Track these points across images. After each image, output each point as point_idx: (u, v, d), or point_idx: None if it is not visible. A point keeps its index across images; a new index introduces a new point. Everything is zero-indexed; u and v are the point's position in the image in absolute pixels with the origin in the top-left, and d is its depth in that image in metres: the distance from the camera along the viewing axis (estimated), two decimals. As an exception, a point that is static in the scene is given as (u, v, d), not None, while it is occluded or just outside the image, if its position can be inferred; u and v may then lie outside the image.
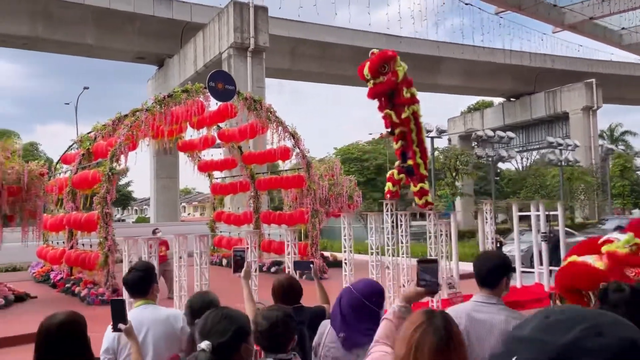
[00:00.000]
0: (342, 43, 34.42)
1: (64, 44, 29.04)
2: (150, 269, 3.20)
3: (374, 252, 8.63)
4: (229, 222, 17.06)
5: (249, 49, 25.02)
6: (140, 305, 3.07)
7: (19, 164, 10.60)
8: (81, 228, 11.72)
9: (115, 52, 31.08)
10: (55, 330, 2.44)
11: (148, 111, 11.49)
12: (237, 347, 2.05)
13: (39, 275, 14.18)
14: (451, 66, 37.87)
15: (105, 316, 2.87)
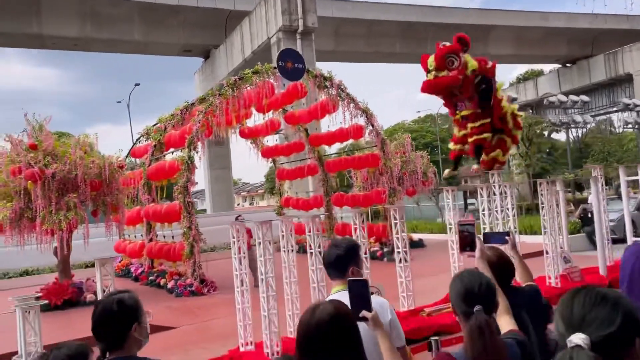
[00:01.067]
0: (387, 19, 33.43)
1: (112, 42, 29.31)
2: (352, 247, 2.63)
3: (452, 228, 7.92)
4: (297, 208, 16.68)
5: (298, 31, 24.50)
6: (340, 291, 2.52)
7: (99, 158, 10.45)
8: (161, 220, 11.55)
9: (162, 46, 31.18)
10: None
11: (221, 95, 11.12)
12: (631, 341, 1.32)
13: (119, 270, 14.19)
14: (502, 34, 36.31)
15: (210, 306, 2.24)
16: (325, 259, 2.63)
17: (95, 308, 2.14)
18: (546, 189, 8.20)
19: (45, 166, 9.67)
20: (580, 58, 39.56)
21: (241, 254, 6.45)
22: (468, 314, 1.86)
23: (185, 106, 13.09)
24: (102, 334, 2.10)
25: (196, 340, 7.92)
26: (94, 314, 2.12)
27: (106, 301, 2.16)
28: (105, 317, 2.10)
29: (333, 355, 1.72)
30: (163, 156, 12.75)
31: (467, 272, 2.06)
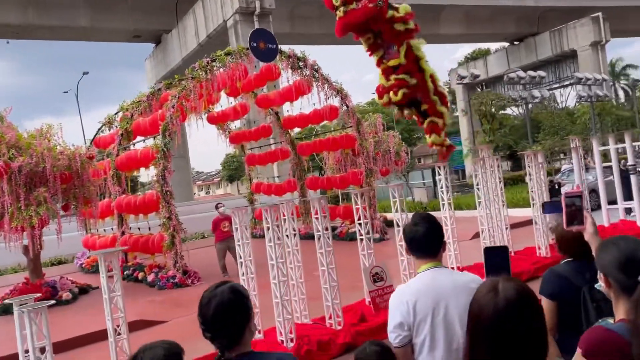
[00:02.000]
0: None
1: (57, 29, 27.73)
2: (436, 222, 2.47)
3: (446, 204, 7.85)
4: (269, 193, 16.41)
5: (255, 13, 23.92)
6: (432, 268, 2.37)
7: (67, 149, 9.84)
8: (136, 211, 11.06)
9: (110, 32, 29.77)
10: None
11: (194, 79, 10.68)
12: None
13: (88, 265, 13.57)
14: (452, 13, 36.79)
15: (197, 297, 2.02)
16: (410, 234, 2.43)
17: (207, 303, 1.89)
18: (533, 161, 8.34)
19: (10, 159, 9.01)
20: (527, 36, 40.69)
21: (244, 241, 6.20)
22: (629, 285, 1.66)
23: (152, 92, 12.54)
24: (222, 330, 1.87)
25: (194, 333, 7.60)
26: (208, 310, 1.88)
27: (219, 293, 1.91)
28: (224, 310, 1.87)
29: (525, 340, 1.47)
30: (132, 145, 12.19)
31: (621, 238, 1.87)
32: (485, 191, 7.70)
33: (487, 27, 38.73)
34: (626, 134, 9.77)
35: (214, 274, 11.20)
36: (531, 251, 8.74)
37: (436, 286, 2.27)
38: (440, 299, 2.23)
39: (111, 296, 5.13)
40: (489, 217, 7.79)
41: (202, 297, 1.96)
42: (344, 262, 6.42)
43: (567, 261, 2.68)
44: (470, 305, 1.59)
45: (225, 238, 10.98)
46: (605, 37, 36.61)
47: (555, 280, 2.58)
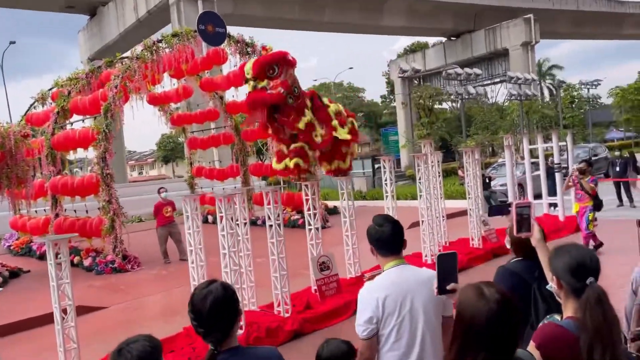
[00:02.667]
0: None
1: (-20, -8, 25.74)
2: (398, 222, 2.68)
3: (389, 196, 8.17)
4: (211, 177, 16.26)
5: (199, -8, 23.34)
6: (396, 265, 2.58)
7: (1, 126, 9.33)
8: (73, 193, 10.66)
9: (40, 0, 27.96)
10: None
11: (139, 59, 10.38)
12: None
13: (17, 248, 12.95)
14: (395, 6, 37.43)
15: (137, 282, 2.12)
16: (376, 235, 2.63)
17: (203, 299, 1.96)
18: (470, 157, 8.84)
19: (-64, 135, 8.46)
20: (464, 32, 42.14)
21: (195, 229, 6.22)
22: (578, 288, 1.90)
23: (92, 69, 12.07)
24: (217, 325, 1.97)
25: (135, 318, 7.57)
26: (204, 306, 1.95)
27: (213, 290, 1.99)
28: (219, 306, 1.96)
29: (511, 337, 1.68)
30: (70, 124, 11.70)
31: (572, 245, 2.10)
32: (426, 185, 8.10)
33: (427, 21, 39.74)
34: (553, 134, 10.51)
35: (154, 259, 11.06)
36: (464, 242, 9.28)
37: (402, 282, 2.50)
38: (406, 294, 2.46)
39: (59, 283, 5.01)
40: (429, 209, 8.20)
41: (195, 294, 2.02)
42: (287, 249, 6.60)
43: (518, 260, 2.97)
44: (458, 313, 1.76)
45: (167, 223, 10.86)
46: (535, 38, 38.60)
47: (509, 277, 2.85)
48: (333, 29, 39.44)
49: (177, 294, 8.46)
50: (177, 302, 8.09)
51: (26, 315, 7.66)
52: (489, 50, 41.04)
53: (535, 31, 38.70)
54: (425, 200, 8.11)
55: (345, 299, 6.77)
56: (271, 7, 33.58)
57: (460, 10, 39.95)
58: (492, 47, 40.77)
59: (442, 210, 9.02)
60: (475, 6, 40.24)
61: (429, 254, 8.06)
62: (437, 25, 40.99)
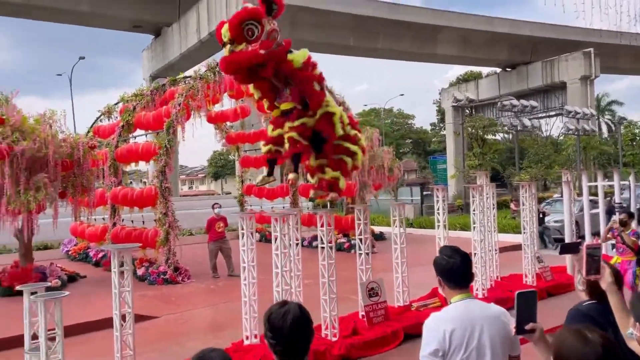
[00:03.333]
0: (343, 11, 33.54)
1: (57, 11, 27.44)
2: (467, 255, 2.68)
3: (441, 225, 8.00)
4: (260, 196, 16.54)
5: (259, 16, 24.06)
6: (465, 299, 2.56)
7: (70, 136, 9.87)
8: (132, 204, 11.11)
9: (110, 19, 29.58)
10: None
11: (202, 79, 10.81)
12: None
13: (75, 253, 13.53)
14: (449, 35, 37.40)
15: (187, 295, 2.11)
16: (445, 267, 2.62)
17: (282, 317, 1.99)
18: (527, 191, 8.67)
19: (14, 142, 9.03)
20: (520, 63, 41.50)
21: (249, 246, 6.36)
22: None
23: (156, 87, 12.63)
24: (295, 344, 2.00)
25: (185, 330, 7.74)
26: (284, 323, 1.98)
27: (291, 309, 2.03)
28: (299, 325, 2.00)
29: None
30: (133, 138, 12.24)
31: None
32: (480, 217, 7.98)
33: (481, 51, 39.44)
34: (615, 172, 10.16)
35: (204, 273, 11.30)
36: (517, 278, 9.03)
37: (470, 316, 2.48)
38: (474, 329, 2.44)
39: (120, 291, 5.23)
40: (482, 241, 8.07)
41: (272, 313, 2.05)
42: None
43: (591, 303, 2.90)
44: (559, 358, 1.76)
45: (219, 238, 11.11)
46: (595, 73, 37.58)
47: (582, 319, 2.79)
48: (386, 55, 39.73)
49: (226, 309, 8.61)
50: (225, 317, 8.24)
51: (82, 319, 7.96)
52: (545, 82, 40.20)
53: (596, 65, 37.69)
54: (478, 233, 7.98)
55: (393, 327, 6.71)
56: (325, 33, 34.24)
57: (516, 41, 39.46)
58: (549, 80, 39.93)
59: (495, 243, 8.85)
60: (533, 38, 39.66)
61: (481, 287, 7.90)
62: (492, 56, 40.58)
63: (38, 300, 4.47)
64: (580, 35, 39.39)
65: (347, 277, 9.03)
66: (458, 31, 37.12)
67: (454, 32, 37.06)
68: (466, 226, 16.02)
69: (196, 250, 13.41)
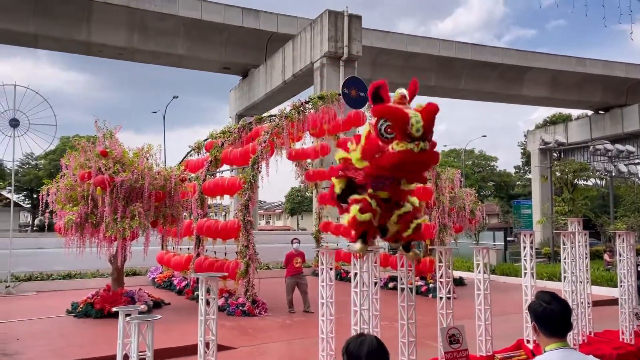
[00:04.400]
0: (426, 53, 33.70)
1: (156, 54, 29.81)
2: (567, 302, 2.57)
3: (528, 273, 7.53)
4: (337, 234, 16.60)
5: (342, 58, 24.76)
6: (560, 348, 2.44)
7: (164, 170, 10.53)
8: (216, 235, 11.55)
9: (203, 62, 31.62)
10: None
11: (287, 117, 11.21)
12: None
13: (160, 281, 14.17)
14: (536, 76, 36.36)
15: (264, 328, 2.15)
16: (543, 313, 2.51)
17: (360, 345, 2.14)
18: (625, 241, 8.07)
19: (115, 174, 9.76)
20: (614, 106, 39.39)
21: (329, 282, 6.38)
22: None
23: (244, 125, 13.23)
24: None
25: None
26: (361, 351, 2.12)
27: (367, 339, 2.19)
28: (374, 352, 2.12)
29: None
30: (220, 172, 12.83)
31: None
32: (572, 266, 7.51)
33: (572, 93, 37.93)
34: None
35: (280, 307, 11.43)
36: (612, 335, 8.34)
37: None
38: None
39: (206, 318, 5.41)
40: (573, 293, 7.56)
41: (350, 342, 2.20)
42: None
43: None
44: None
45: (296, 273, 11.23)
46: (698, 117, 34.85)
47: None
48: (468, 96, 39.20)
49: (301, 345, 8.62)
50: (300, 353, 8.25)
51: (166, 345, 8.26)
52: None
53: (700, 108, 35.00)
54: (570, 283, 7.50)
55: (475, 377, 6.39)
56: (408, 73, 34.46)
57: (610, 83, 37.63)
58: (646, 124, 37.52)
59: (588, 295, 8.26)
60: (627, 80, 37.66)
61: (572, 342, 7.35)
62: (583, 98, 38.88)
63: (132, 322, 4.73)
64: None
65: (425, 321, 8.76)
66: (546, 72, 36.05)
67: (542, 73, 36.03)
68: (554, 276, 15.10)
69: (272, 285, 13.63)
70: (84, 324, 9.97)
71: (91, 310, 10.27)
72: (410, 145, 4.27)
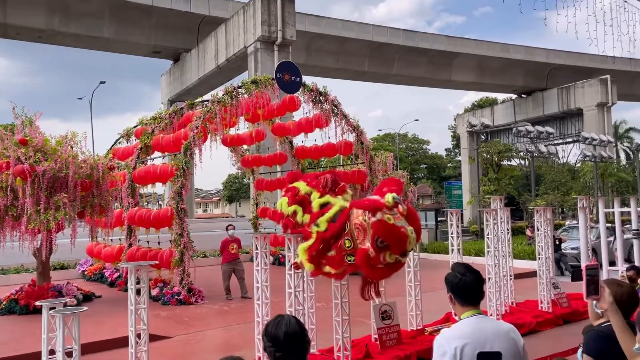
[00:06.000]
0: (360, 38, 34.00)
1: (79, 37, 28.32)
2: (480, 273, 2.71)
3: (455, 250, 7.97)
4: (275, 219, 16.59)
5: (276, 43, 24.56)
6: (474, 315, 2.59)
7: (90, 158, 10.10)
8: (149, 224, 11.24)
9: (131, 45, 30.37)
10: None
11: (220, 102, 11.04)
12: None
13: (90, 274, 13.67)
14: (464, 62, 37.66)
15: (200, 316, 2.24)
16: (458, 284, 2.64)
17: (278, 324, 2.15)
18: (542, 216, 8.62)
19: (36, 163, 9.26)
20: (535, 90, 41.54)
21: (264, 266, 6.41)
22: None
23: (175, 110, 12.89)
24: (292, 349, 2.11)
25: (198, 350, 7.75)
26: (278, 330, 2.14)
27: (286, 318, 2.20)
28: (293, 331, 2.13)
29: None
30: (151, 160, 12.47)
31: None
32: (494, 242, 7.94)
33: (497, 78, 39.60)
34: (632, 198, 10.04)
35: (217, 294, 11.34)
36: (532, 304, 8.92)
37: (481, 332, 2.51)
38: (484, 344, 2.47)
39: (137, 308, 5.30)
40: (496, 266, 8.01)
41: (269, 323, 2.22)
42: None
43: (609, 323, 2.89)
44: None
45: (233, 260, 11.18)
46: (611, 100, 37.44)
47: (602, 340, 2.74)
48: (401, 81, 40.01)
49: (239, 330, 8.62)
50: (238, 338, 8.25)
51: (97, 338, 8.02)
52: (561, 109, 40.13)
53: (612, 92, 37.58)
54: (492, 257, 7.93)
55: (406, 351, 6.66)
56: (341, 59, 34.72)
57: (532, 68, 39.59)
58: (565, 107, 39.86)
59: (510, 268, 8.78)
60: (548, 65, 39.77)
61: (495, 312, 7.82)
62: (508, 82, 40.72)
63: (57, 315, 4.56)
64: (596, 62, 39.39)
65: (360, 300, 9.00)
66: (473, 58, 37.38)
67: (469, 58, 37.32)
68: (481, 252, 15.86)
69: (210, 272, 13.48)
70: (7, 321, 9.49)
71: (15, 307, 9.77)
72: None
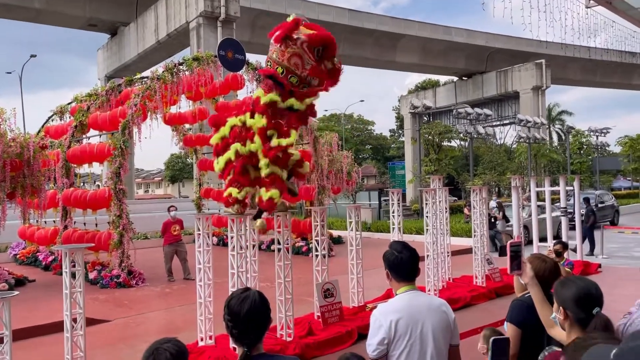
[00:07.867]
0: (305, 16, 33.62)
1: (8, 7, 26.52)
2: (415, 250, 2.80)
3: (396, 228, 8.21)
4: (219, 200, 16.38)
5: (220, 19, 23.97)
6: (408, 291, 2.68)
7: (20, 136, 9.57)
8: (85, 206, 10.82)
9: (64, 17, 28.78)
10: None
11: (160, 79, 10.69)
12: None
13: (23, 257, 13.06)
14: (409, 44, 38.18)
15: (141, 298, 2.21)
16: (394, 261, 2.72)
17: (241, 302, 2.05)
18: (478, 195, 8.96)
19: (-41, 141, 8.69)
20: (475, 73, 42.80)
21: (206, 247, 6.34)
22: (582, 318, 2.05)
23: (112, 87, 12.39)
24: (251, 328, 2.05)
25: (138, 333, 7.61)
26: (241, 308, 2.04)
27: (250, 295, 2.10)
28: (256, 309, 2.06)
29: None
30: (87, 138, 11.96)
31: (578, 278, 2.28)
32: (433, 220, 8.21)
33: (439, 60, 40.44)
34: (561, 178, 10.63)
35: (159, 276, 11.14)
36: (468, 279, 9.32)
37: (414, 307, 2.61)
38: (418, 318, 2.57)
39: (72, 292, 5.12)
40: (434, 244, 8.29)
41: (232, 297, 2.11)
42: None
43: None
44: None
45: (175, 241, 10.98)
46: (546, 83, 39.13)
47: (525, 310, 2.93)
48: (346, 62, 40.05)
49: (180, 312, 8.53)
50: (180, 320, 8.16)
51: (31, 323, 7.72)
52: (499, 92, 41.60)
53: (547, 76, 39.26)
54: (431, 235, 8.20)
55: (348, 327, 6.82)
56: (288, 37, 34.36)
57: (472, 51, 40.69)
58: (502, 89, 41.35)
59: (448, 246, 9.11)
60: (487, 48, 40.99)
61: (433, 288, 8.12)
62: (449, 65, 41.71)
63: (-17, 302, 4.33)
64: (532, 47, 40.95)
65: (304, 279, 9.12)
66: (417, 40, 37.95)
67: (413, 40, 37.87)
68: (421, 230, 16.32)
69: (151, 254, 13.19)
70: None
71: (-61, 294, 9.20)
72: None
